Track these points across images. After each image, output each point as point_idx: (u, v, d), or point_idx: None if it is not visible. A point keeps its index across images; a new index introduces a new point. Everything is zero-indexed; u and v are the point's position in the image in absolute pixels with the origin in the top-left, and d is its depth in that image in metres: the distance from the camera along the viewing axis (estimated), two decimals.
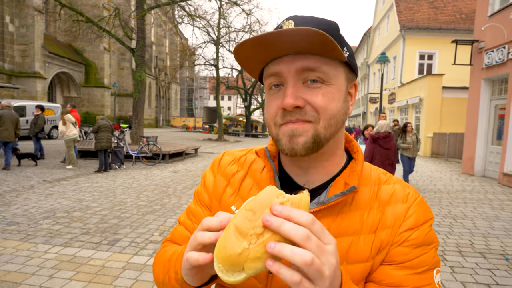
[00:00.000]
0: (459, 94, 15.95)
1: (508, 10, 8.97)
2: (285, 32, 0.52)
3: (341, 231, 0.61)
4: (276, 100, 0.61)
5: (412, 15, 20.32)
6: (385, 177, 0.69)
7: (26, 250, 3.71)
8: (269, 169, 0.69)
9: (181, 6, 15.57)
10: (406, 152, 7.97)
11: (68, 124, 9.20)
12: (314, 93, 0.59)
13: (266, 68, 0.62)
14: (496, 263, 3.77)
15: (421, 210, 0.63)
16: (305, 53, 0.57)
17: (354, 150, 0.71)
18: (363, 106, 32.03)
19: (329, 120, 0.60)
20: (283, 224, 0.40)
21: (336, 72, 0.61)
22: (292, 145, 0.59)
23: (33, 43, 23.15)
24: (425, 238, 0.61)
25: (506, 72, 9.11)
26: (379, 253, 0.61)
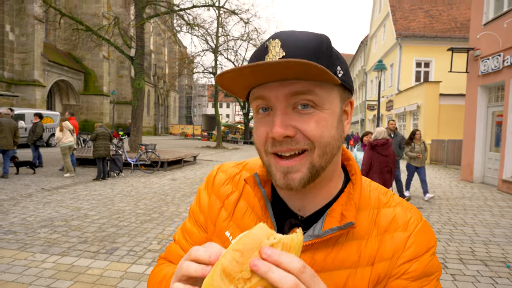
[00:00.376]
0: (456, 101, 16.06)
1: (502, 19, 9.09)
2: (270, 64, 0.48)
3: (337, 264, 0.58)
4: (264, 126, 0.57)
5: (408, 24, 20.56)
6: (386, 198, 0.64)
7: (23, 260, 3.67)
8: (260, 198, 0.63)
9: (180, 15, 15.70)
10: (414, 162, 7.46)
11: (65, 131, 9.17)
12: (306, 120, 0.54)
13: (253, 91, 0.58)
14: (498, 271, 3.75)
15: (422, 239, 0.59)
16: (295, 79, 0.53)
17: (352, 172, 0.65)
18: (361, 113, 32.18)
19: (324, 148, 0.56)
20: (270, 271, 0.38)
21: (329, 95, 0.56)
22: (287, 182, 0.56)
23: (33, 52, 23.25)
24: (425, 269, 0.57)
25: (502, 79, 9.19)
26: (376, 286, 0.58)
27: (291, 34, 0.55)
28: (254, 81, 0.55)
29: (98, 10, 26.72)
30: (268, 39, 0.56)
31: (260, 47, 0.57)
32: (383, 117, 23.90)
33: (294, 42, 0.54)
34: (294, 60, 0.47)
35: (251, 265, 0.39)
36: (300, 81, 0.53)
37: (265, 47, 0.55)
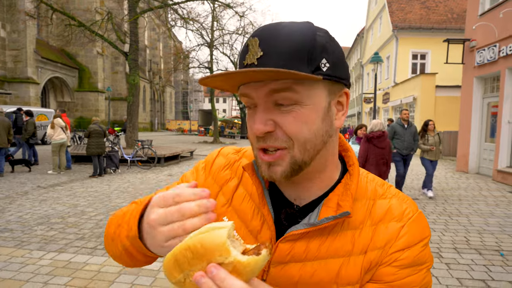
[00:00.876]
0: (452, 92, 16.10)
1: (498, 9, 9.08)
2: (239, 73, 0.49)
3: (331, 252, 0.59)
4: (251, 121, 0.59)
5: (404, 16, 20.50)
6: (382, 189, 0.64)
7: (20, 257, 3.67)
8: (257, 185, 0.64)
9: (174, 9, 15.55)
10: (427, 155, 6.91)
11: (57, 128, 9.13)
12: (285, 116, 0.54)
13: (240, 88, 0.59)
14: (491, 259, 3.80)
15: (416, 229, 0.59)
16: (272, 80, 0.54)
17: (350, 163, 0.65)
18: (358, 106, 32.20)
19: (304, 145, 0.56)
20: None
21: (311, 91, 0.55)
22: (270, 173, 0.57)
23: (25, 48, 22.99)
24: (416, 259, 0.58)
25: (497, 70, 9.21)
26: (367, 273, 0.59)
27: (271, 31, 0.54)
28: (236, 83, 0.57)
29: (90, 5, 26.38)
30: (250, 36, 0.56)
31: (244, 45, 0.57)
32: (379, 110, 23.94)
33: (273, 40, 0.53)
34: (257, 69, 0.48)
35: (194, 279, 0.41)
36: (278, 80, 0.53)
37: (246, 45, 0.55)
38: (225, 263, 0.41)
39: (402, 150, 6.77)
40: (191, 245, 0.42)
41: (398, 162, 6.86)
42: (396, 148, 6.77)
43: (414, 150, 6.85)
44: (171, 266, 0.43)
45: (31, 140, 10.15)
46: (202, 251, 0.41)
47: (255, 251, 0.42)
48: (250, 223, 0.64)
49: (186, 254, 0.42)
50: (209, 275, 0.40)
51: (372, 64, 13.59)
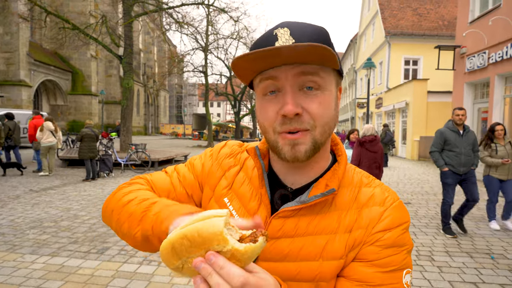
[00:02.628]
0: (443, 98, 16.34)
1: (488, 16, 9.29)
2: (287, 48, 0.53)
3: (319, 229, 0.64)
4: (273, 106, 0.62)
5: (396, 22, 20.81)
6: (367, 180, 0.71)
7: (12, 261, 3.62)
8: (258, 167, 0.70)
9: (168, 13, 15.59)
10: (496, 172, 4.93)
11: (45, 131, 9.22)
12: (312, 101, 0.61)
13: (262, 73, 0.62)
14: (482, 262, 3.86)
15: (397, 214, 0.65)
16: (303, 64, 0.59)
17: (338, 153, 0.73)
18: (351, 111, 32.45)
19: (324, 126, 0.62)
20: (210, 276, 0.41)
21: (330, 78, 0.63)
22: (295, 153, 0.62)
23: (18, 51, 22.81)
24: (396, 240, 0.63)
25: (487, 76, 9.40)
26: (351, 251, 0.63)
27: (297, 25, 0.61)
28: (266, 65, 0.60)
29: (85, 8, 26.33)
30: (275, 27, 0.61)
31: (267, 35, 0.61)
32: (372, 115, 24.16)
33: (302, 32, 0.60)
34: (316, 44, 0.53)
35: (193, 265, 0.43)
36: (307, 64, 0.59)
37: (274, 34, 0.60)
38: (223, 251, 0.42)
39: (457, 168, 4.65)
40: (188, 234, 0.43)
41: (449, 187, 4.78)
42: (447, 165, 4.73)
43: (475, 165, 4.79)
44: (169, 253, 0.45)
45: (6, 143, 9.99)
46: (199, 240, 0.42)
47: (251, 239, 0.44)
48: (248, 203, 0.71)
49: (183, 242, 0.43)
50: (208, 262, 0.42)
51: (365, 70, 13.76)
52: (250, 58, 0.57)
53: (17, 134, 10.17)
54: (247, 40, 23.16)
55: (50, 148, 9.38)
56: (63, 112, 30.44)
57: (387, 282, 0.61)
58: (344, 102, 38.84)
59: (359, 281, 0.61)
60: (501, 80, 9.03)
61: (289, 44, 0.56)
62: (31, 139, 10.06)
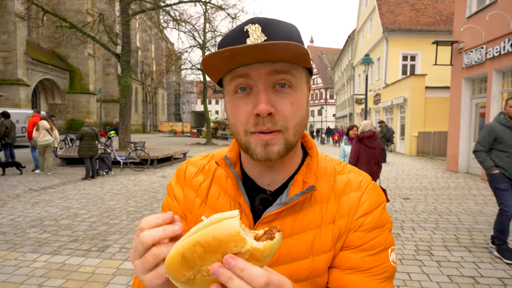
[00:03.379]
0: (441, 93, 16.37)
1: (485, 11, 9.29)
2: (262, 45, 0.52)
3: (304, 226, 0.65)
4: (246, 106, 0.60)
5: (394, 18, 20.79)
6: (340, 167, 0.72)
7: (13, 260, 3.64)
8: (232, 177, 0.68)
9: (166, 11, 15.53)
10: None
11: (41, 130, 9.42)
12: (283, 101, 0.59)
13: (232, 71, 0.60)
14: (481, 256, 3.89)
15: (373, 196, 0.67)
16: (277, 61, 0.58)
17: (308, 146, 0.72)
18: (350, 107, 32.47)
19: (296, 127, 0.62)
20: (230, 280, 0.39)
21: (301, 77, 0.62)
22: (267, 153, 0.60)
23: (15, 50, 22.72)
24: (378, 221, 0.65)
25: (485, 71, 9.41)
26: (338, 240, 0.65)
27: (268, 21, 0.59)
28: (238, 63, 0.58)
29: (82, 6, 26.16)
30: (245, 23, 0.59)
31: (237, 31, 0.59)
32: (371, 111, 24.19)
33: (273, 28, 0.58)
34: (290, 42, 0.52)
35: (211, 271, 0.40)
36: (279, 62, 0.58)
37: (245, 31, 0.58)
38: (242, 252, 0.40)
39: (511, 171, 3.77)
40: (201, 240, 0.40)
41: (504, 193, 3.78)
42: (497, 167, 3.85)
43: None
44: (178, 265, 0.42)
45: (3, 141, 10.03)
46: (215, 243, 0.40)
47: (268, 236, 0.42)
48: None
49: (196, 249, 0.40)
50: (227, 266, 0.39)
51: (363, 66, 13.76)
52: (223, 55, 0.54)
53: (13, 133, 10.23)
54: None
55: (46, 147, 9.55)
56: (61, 111, 30.37)
57: (376, 263, 0.63)
58: (342, 98, 38.82)
59: (350, 269, 0.63)
60: (499, 75, 9.05)
61: (261, 41, 0.56)
62: (29, 136, 10.17)
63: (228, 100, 0.64)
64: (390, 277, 0.65)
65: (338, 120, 43.38)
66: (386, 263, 0.64)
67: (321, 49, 71.41)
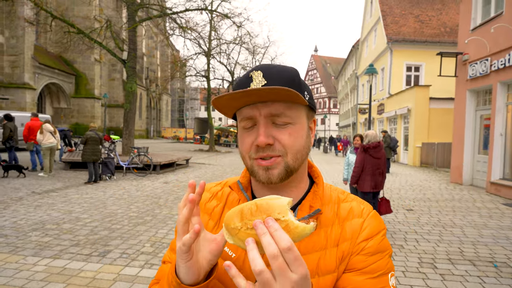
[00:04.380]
0: (445, 105, 16.34)
1: (490, 24, 9.32)
2: (257, 91, 0.62)
3: (309, 248, 0.70)
4: (249, 137, 0.70)
5: (398, 28, 20.88)
6: (343, 196, 0.79)
7: (14, 263, 3.63)
8: (243, 199, 0.76)
9: (172, 19, 15.70)
10: None
11: (45, 133, 9.74)
12: (282, 132, 0.68)
13: (240, 111, 0.71)
14: (485, 270, 3.84)
15: (374, 223, 0.73)
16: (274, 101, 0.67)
17: (315, 175, 0.80)
18: (353, 117, 32.45)
19: (296, 154, 0.69)
20: (263, 235, 0.47)
21: (299, 113, 0.70)
22: (268, 176, 0.69)
23: (23, 54, 22.99)
24: (378, 246, 0.70)
25: (489, 83, 9.40)
26: (342, 263, 0.69)
27: (269, 67, 0.70)
28: (242, 103, 0.69)
29: (90, 12, 26.53)
30: (251, 70, 0.70)
31: (245, 77, 0.71)
32: (374, 121, 24.16)
33: (273, 73, 0.68)
34: (277, 87, 0.61)
35: (254, 223, 0.49)
36: (277, 103, 0.67)
37: (249, 76, 0.69)
38: (281, 220, 0.49)
39: None
40: (258, 202, 0.52)
41: None
42: None
43: None
44: (235, 214, 0.53)
45: (7, 143, 10.17)
46: (266, 207, 0.51)
47: (305, 221, 0.51)
48: None
49: (252, 207, 0.52)
50: (265, 224, 0.48)
51: (367, 76, 13.78)
52: (227, 98, 0.65)
53: (16, 135, 10.43)
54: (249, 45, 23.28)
55: (50, 149, 9.83)
56: (66, 115, 30.58)
57: (377, 286, 0.67)
58: (345, 108, 38.83)
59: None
60: (504, 87, 9.03)
61: (261, 85, 0.67)
62: (25, 139, 10.38)
63: (239, 133, 0.75)
64: None
65: (341, 129, 43.33)
66: (386, 287, 0.68)
67: (325, 58, 71.75)
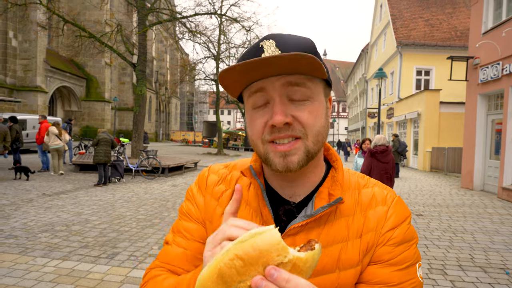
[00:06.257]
0: (456, 109, 16.13)
1: (501, 28, 9.19)
2: (274, 58, 0.53)
3: (330, 239, 0.63)
4: (261, 118, 0.61)
5: (408, 32, 20.73)
6: (364, 181, 0.72)
7: (24, 264, 3.69)
8: (256, 186, 0.68)
9: (182, 23, 15.86)
10: None
11: (51, 135, 10.24)
12: (301, 110, 0.60)
13: (249, 86, 0.62)
14: (497, 277, 3.76)
15: (399, 210, 0.67)
16: (290, 74, 0.59)
17: (333, 159, 0.72)
18: (362, 121, 32.23)
19: (317, 136, 0.62)
20: None
21: (318, 88, 0.62)
22: (286, 164, 0.60)
23: (35, 58, 23.45)
24: (405, 235, 0.64)
25: (501, 87, 9.25)
26: (366, 255, 0.64)
27: (283, 36, 0.61)
28: (253, 77, 0.59)
29: (101, 17, 27.02)
30: (261, 40, 0.61)
31: (254, 48, 0.61)
32: (383, 125, 23.96)
33: (288, 43, 0.60)
34: (302, 54, 0.52)
35: (253, 285, 0.37)
36: (293, 74, 0.59)
37: (260, 47, 0.60)
38: (284, 262, 0.37)
39: None
40: (239, 253, 0.38)
41: None
42: None
43: None
44: (213, 283, 0.39)
45: (14, 145, 10.39)
46: (256, 254, 0.37)
47: (307, 248, 0.40)
48: None
49: (234, 264, 0.38)
50: (270, 278, 0.36)
51: (377, 80, 13.69)
52: (237, 70, 0.56)
53: (21, 137, 10.72)
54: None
55: (57, 150, 10.35)
56: (76, 118, 31.02)
57: (406, 278, 0.62)
58: (354, 112, 38.60)
59: (380, 284, 0.62)
60: None
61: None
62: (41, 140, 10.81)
63: (247, 115, 0.66)
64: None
65: (350, 133, 43.07)
66: (415, 279, 0.63)
67: (334, 62, 71.59)
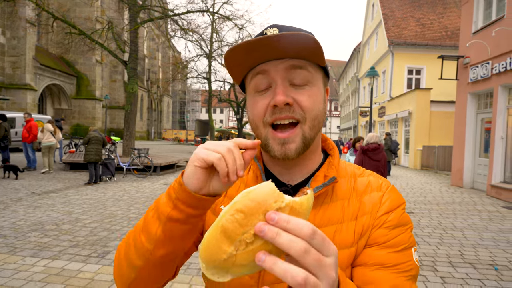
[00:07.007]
0: (446, 108, 16.33)
1: (491, 27, 9.32)
2: (277, 37, 0.56)
3: (325, 221, 0.66)
4: (264, 100, 0.65)
5: (400, 32, 20.91)
6: (359, 171, 0.75)
7: (13, 263, 3.62)
8: (255, 169, 0.73)
9: (174, 20, 15.74)
10: None
11: (45, 132, 10.34)
12: (301, 93, 0.64)
13: (253, 70, 0.66)
14: (486, 273, 3.81)
15: (394, 196, 0.70)
16: (293, 57, 0.62)
17: (329, 148, 0.76)
18: (354, 120, 32.44)
19: (314, 120, 0.65)
20: (278, 236, 0.36)
21: (317, 74, 0.67)
22: (284, 151, 0.64)
23: (24, 55, 23.05)
24: (400, 220, 0.67)
25: (490, 86, 9.39)
26: (361, 237, 0.65)
27: (285, 26, 0.66)
28: (257, 58, 0.62)
29: (91, 14, 26.61)
30: (265, 28, 0.66)
31: (258, 34, 0.65)
32: (375, 123, 24.14)
33: (290, 29, 0.64)
34: (307, 34, 0.56)
35: (257, 230, 0.37)
36: (296, 58, 0.62)
37: (264, 34, 0.64)
38: (282, 207, 0.39)
39: None
40: (238, 207, 0.39)
41: None
42: None
43: None
44: (218, 241, 0.40)
45: (3, 143, 10.23)
46: (255, 205, 0.39)
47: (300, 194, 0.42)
48: None
49: (236, 218, 0.39)
50: (271, 222, 0.37)
51: (368, 78, 13.79)
52: (243, 47, 0.58)
53: (10, 135, 10.57)
54: None
55: (50, 148, 10.40)
56: (67, 116, 30.60)
57: (402, 260, 0.63)
58: (346, 111, 38.83)
59: (376, 265, 0.63)
60: (505, 90, 9.01)
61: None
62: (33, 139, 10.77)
63: (249, 99, 0.69)
64: (415, 276, 0.65)
65: (342, 132, 43.35)
66: (411, 261, 0.64)
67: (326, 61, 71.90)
